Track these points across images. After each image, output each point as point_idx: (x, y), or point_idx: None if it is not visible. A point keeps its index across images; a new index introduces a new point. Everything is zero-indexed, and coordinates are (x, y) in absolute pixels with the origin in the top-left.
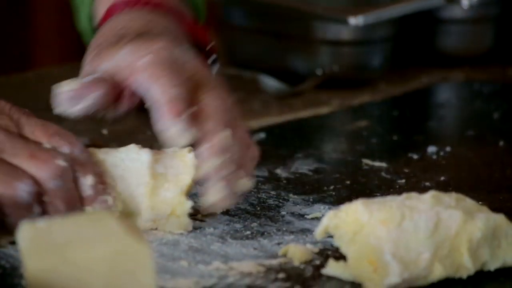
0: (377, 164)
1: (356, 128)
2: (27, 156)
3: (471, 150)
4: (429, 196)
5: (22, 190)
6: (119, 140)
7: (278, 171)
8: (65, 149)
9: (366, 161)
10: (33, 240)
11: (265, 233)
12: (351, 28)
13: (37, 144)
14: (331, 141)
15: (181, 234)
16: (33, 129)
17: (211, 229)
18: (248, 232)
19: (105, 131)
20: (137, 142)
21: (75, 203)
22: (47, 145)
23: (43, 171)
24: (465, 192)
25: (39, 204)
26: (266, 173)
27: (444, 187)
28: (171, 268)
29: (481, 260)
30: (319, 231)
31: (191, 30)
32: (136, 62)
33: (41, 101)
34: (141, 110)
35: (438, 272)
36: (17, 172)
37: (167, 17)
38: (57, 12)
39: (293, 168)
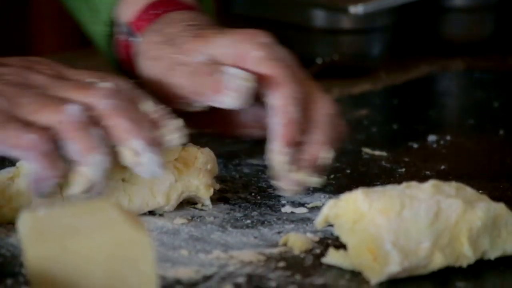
0: (377, 153)
1: (356, 116)
2: (73, 87)
3: (471, 139)
4: (429, 185)
5: (71, 110)
6: None
7: None
8: (111, 81)
9: (366, 150)
10: (34, 229)
11: (265, 222)
12: (351, 16)
13: (82, 81)
14: None
15: (181, 223)
16: (78, 74)
17: (211, 218)
18: (249, 221)
19: None
20: None
21: (142, 120)
22: (93, 80)
23: (91, 96)
24: (465, 181)
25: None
26: (266, 162)
27: (444, 176)
28: (171, 257)
29: (481, 249)
30: (319, 220)
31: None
32: (247, 53)
33: None
34: None
35: (438, 261)
36: (62, 99)
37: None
38: (55, 1)
39: None
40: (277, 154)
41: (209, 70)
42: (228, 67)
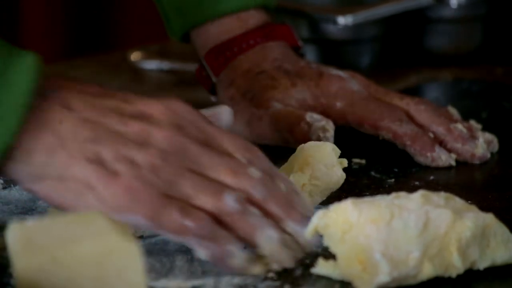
0: (366, 163)
1: (345, 127)
2: (228, 171)
3: None
4: (418, 195)
5: (230, 199)
6: None
7: None
8: (256, 161)
9: (355, 160)
10: (22, 240)
11: None
12: (340, 27)
13: (233, 158)
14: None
15: None
16: (222, 141)
17: None
18: None
19: None
20: None
21: (289, 203)
22: (241, 159)
23: (246, 184)
24: (454, 191)
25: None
26: None
27: (433, 187)
28: (161, 266)
29: (470, 259)
30: (309, 231)
31: (287, 39)
32: (331, 105)
33: None
34: None
35: (427, 271)
36: (221, 185)
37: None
38: (45, 11)
39: None
40: (438, 161)
41: (292, 116)
42: (311, 114)
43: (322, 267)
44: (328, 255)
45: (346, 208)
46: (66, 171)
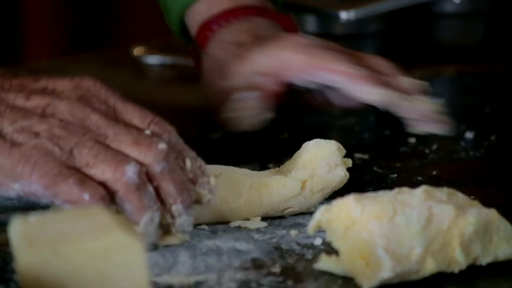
0: (369, 158)
1: (348, 122)
2: (131, 142)
3: (462, 144)
4: (421, 191)
5: (131, 172)
6: None
7: (271, 166)
8: (164, 136)
9: (358, 155)
10: (25, 235)
11: (258, 228)
12: (343, 22)
13: (139, 130)
14: (323, 136)
15: None
16: (131, 116)
17: (204, 224)
18: (241, 227)
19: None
20: None
21: (184, 184)
22: (147, 132)
23: (148, 156)
24: (457, 186)
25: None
26: (258, 168)
27: (436, 182)
28: (164, 262)
29: (473, 254)
30: (311, 226)
31: (281, 22)
32: (290, 63)
33: None
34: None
35: (430, 267)
36: (123, 156)
37: (262, 19)
38: (48, 5)
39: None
40: (376, 95)
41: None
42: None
43: (324, 263)
44: (331, 250)
45: (349, 204)
46: None
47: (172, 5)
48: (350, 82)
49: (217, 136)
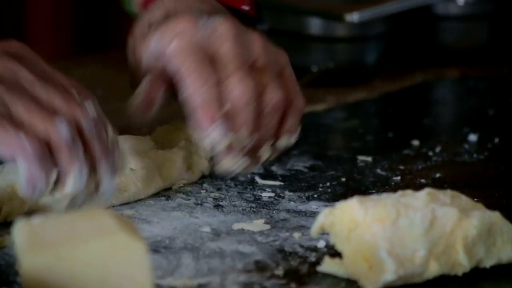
0: (372, 161)
1: (351, 125)
2: (60, 98)
3: (466, 147)
4: (424, 193)
5: (61, 125)
6: None
7: (274, 168)
8: (89, 100)
9: (361, 158)
10: (29, 237)
11: (261, 230)
12: (346, 24)
13: (68, 91)
14: (327, 138)
15: (176, 229)
16: (58, 78)
17: (207, 227)
18: (244, 229)
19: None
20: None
21: (109, 148)
22: (76, 95)
23: (77, 112)
24: (460, 189)
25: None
26: (261, 170)
27: (439, 184)
28: (167, 264)
29: (476, 257)
30: (314, 229)
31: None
32: (165, 50)
33: None
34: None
35: (433, 269)
36: (54, 111)
37: None
38: (51, 8)
39: (288, 165)
40: (206, 136)
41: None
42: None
43: (328, 265)
44: (334, 253)
45: (352, 206)
46: None
47: None
48: (203, 124)
49: None
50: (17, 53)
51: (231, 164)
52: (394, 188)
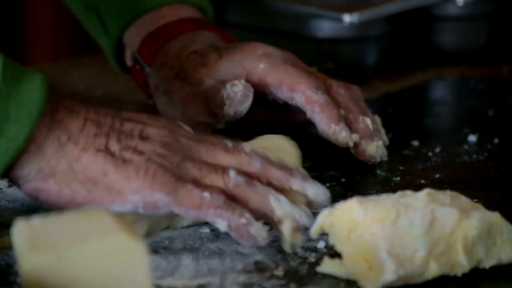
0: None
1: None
2: (223, 151)
3: (465, 147)
4: (424, 194)
5: (233, 174)
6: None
7: None
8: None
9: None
10: (28, 238)
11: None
12: (346, 25)
13: (223, 142)
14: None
15: (176, 230)
16: (207, 137)
17: (206, 228)
18: None
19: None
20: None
21: (286, 169)
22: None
23: (242, 158)
24: (460, 189)
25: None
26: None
27: (439, 185)
28: (167, 265)
29: (476, 258)
30: (314, 229)
31: (222, 36)
32: (253, 69)
33: None
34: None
35: (433, 270)
36: (222, 167)
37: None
38: (51, 9)
39: None
40: (338, 135)
41: (215, 89)
42: (229, 82)
43: (327, 266)
44: (334, 253)
45: (352, 207)
46: (78, 163)
47: (111, 22)
48: (321, 117)
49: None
50: (166, 123)
51: (374, 148)
52: (394, 189)
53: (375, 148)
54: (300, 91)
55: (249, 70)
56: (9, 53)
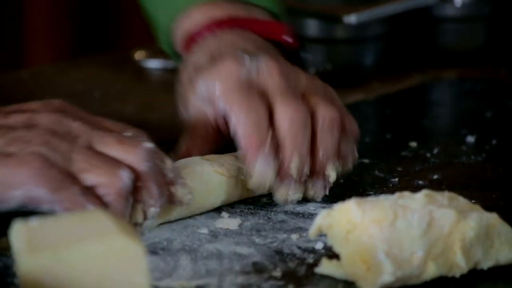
0: (370, 162)
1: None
2: (116, 142)
3: (463, 148)
4: (422, 195)
5: (125, 177)
6: None
7: None
8: (143, 138)
9: (359, 159)
10: (26, 239)
11: (259, 232)
12: (344, 26)
13: (119, 133)
14: None
15: (174, 231)
16: (107, 124)
17: (205, 228)
18: (242, 231)
19: None
20: None
21: (164, 185)
22: (127, 134)
23: (135, 155)
24: (458, 190)
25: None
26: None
27: (437, 186)
28: (165, 266)
29: (474, 259)
30: (312, 230)
31: (263, 30)
32: (213, 93)
33: (35, 99)
34: None
35: (431, 271)
36: (115, 160)
37: (235, 32)
38: (50, 9)
39: None
40: (252, 165)
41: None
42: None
43: (325, 267)
44: (332, 254)
45: (350, 208)
46: None
47: (159, 19)
48: (248, 154)
49: None
50: (62, 108)
51: (285, 192)
52: (392, 190)
53: (285, 194)
54: (234, 116)
55: (212, 96)
56: (8, 54)
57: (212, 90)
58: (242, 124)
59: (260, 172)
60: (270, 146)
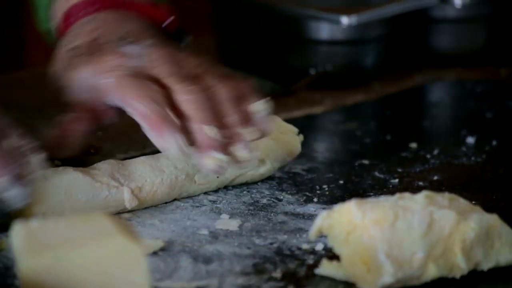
0: (370, 163)
1: (349, 127)
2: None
3: (464, 149)
4: (422, 196)
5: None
6: (113, 139)
7: None
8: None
9: (359, 160)
10: (27, 240)
11: (259, 233)
12: (344, 27)
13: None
14: (324, 141)
15: (174, 232)
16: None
17: (205, 229)
18: (242, 232)
19: (99, 133)
20: (131, 141)
21: (8, 158)
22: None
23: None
24: (458, 191)
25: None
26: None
27: (437, 187)
28: (165, 267)
29: (474, 260)
30: (312, 231)
31: (146, 13)
32: (100, 85)
33: (36, 99)
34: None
35: (431, 272)
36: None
37: (119, 12)
38: None
39: (286, 167)
40: (159, 143)
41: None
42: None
43: (326, 268)
44: (332, 255)
45: (350, 209)
46: None
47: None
48: (147, 126)
49: None
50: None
51: (210, 162)
52: (392, 191)
53: (213, 161)
54: (130, 104)
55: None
56: (9, 55)
57: (97, 82)
58: (138, 111)
59: (171, 144)
60: (174, 121)
